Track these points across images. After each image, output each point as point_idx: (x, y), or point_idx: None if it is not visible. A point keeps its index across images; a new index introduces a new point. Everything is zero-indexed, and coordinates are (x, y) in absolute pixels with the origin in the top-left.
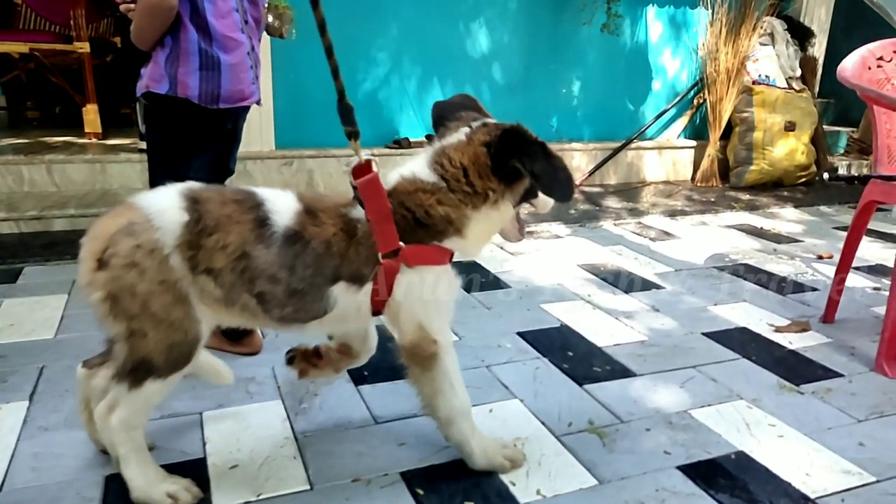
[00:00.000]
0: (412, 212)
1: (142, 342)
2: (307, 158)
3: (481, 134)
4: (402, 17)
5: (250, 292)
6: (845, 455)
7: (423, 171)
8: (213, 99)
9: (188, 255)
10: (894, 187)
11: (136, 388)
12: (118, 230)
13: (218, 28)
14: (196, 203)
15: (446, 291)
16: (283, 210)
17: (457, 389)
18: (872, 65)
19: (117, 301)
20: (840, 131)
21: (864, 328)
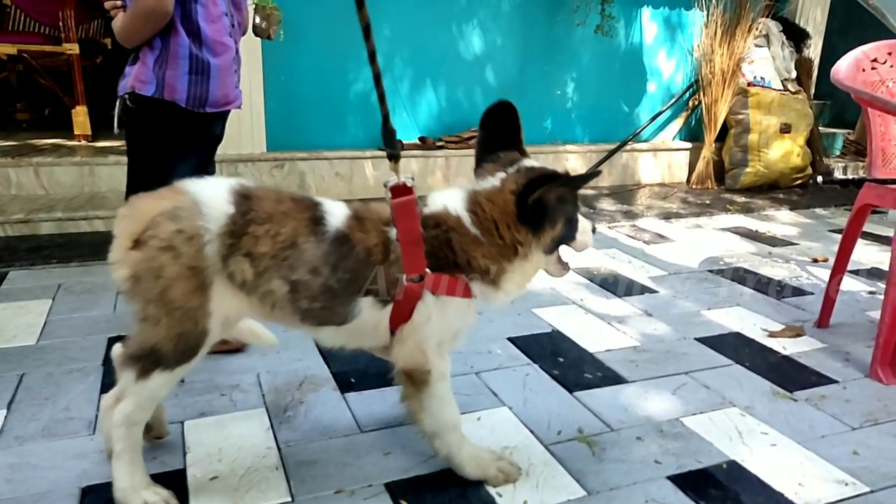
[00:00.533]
0: (452, 250)
1: (154, 329)
2: (299, 161)
3: (512, 182)
4: (395, 19)
5: (286, 278)
6: (839, 464)
7: (463, 213)
8: (201, 103)
9: (228, 242)
10: (889, 191)
11: (143, 378)
12: (161, 213)
13: (209, 32)
14: (246, 198)
15: (462, 322)
16: (337, 213)
17: (445, 408)
18: (867, 67)
19: (139, 282)
20: (836, 133)
21: (859, 333)
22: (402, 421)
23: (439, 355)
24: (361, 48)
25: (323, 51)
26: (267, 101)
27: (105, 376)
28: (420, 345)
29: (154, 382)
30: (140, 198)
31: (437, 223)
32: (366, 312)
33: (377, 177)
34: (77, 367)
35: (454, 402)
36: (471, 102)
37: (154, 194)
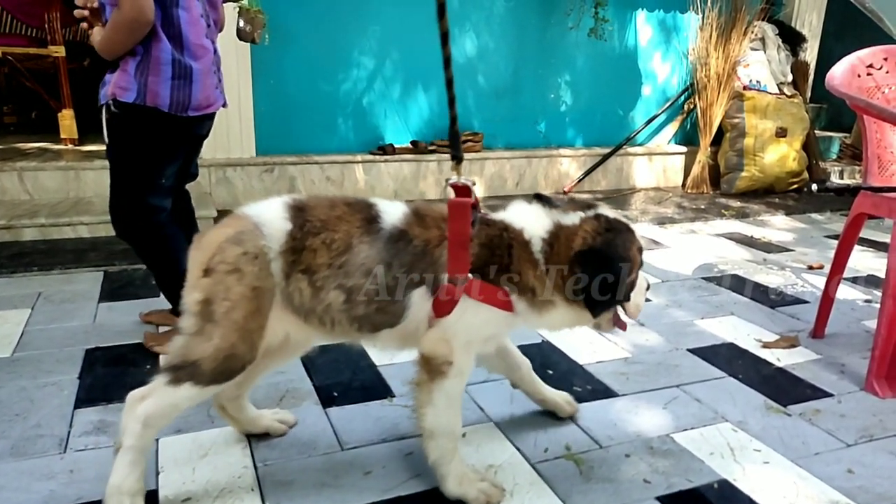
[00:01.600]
0: (507, 259)
1: (203, 344)
2: (289, 165)
3: (591, 227)
4: (386, 22)
5: (342, 287)
6: (833, 483)
7: (537, 240)
8: (184, 108)
9: (290, 259)
10: (885, 199)
11: (173, 385)
12: (226, 240)
13: (190, 36)
14: (301, 211)
15: (495, 330)
16: (393, 212)
17: (451, 410)
18: (862, 72)
19: (209, 305)
20: (832, 137)
21: (855, 344)
22: (384, 437)
23: (465, 353)
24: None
25: (312, 54)
26: (256, 104)
27: (80, 391)
28: (447, 336)
29: (182, 393)
30: (205, 231)
31: (504, 228)
32: (416, 307)
33: (368, 181)
34: (52, 380)
35: (460, 408)
36: (463, 106)
37: (219, 225)
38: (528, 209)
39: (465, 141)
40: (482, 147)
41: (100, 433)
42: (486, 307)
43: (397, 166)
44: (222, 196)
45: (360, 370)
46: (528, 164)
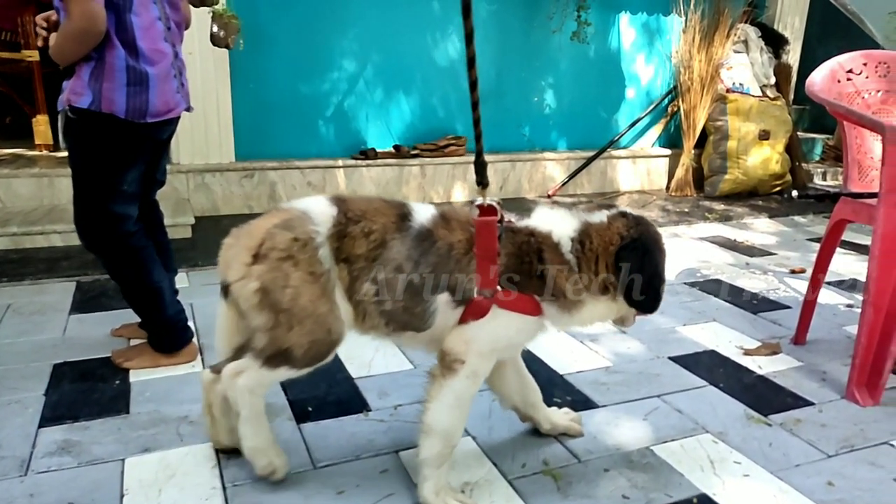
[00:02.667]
0: (537, 265)
1: (286, 335)
2: (269, 170)
3: (620, 224)
4: (367, 25)
5: (374, 280)
6: (813, 497)
7: (566, 241)
8: (141, 114)
9: (335, 246)
10: (864, 206)
11: (268, 369)
12: (274, 226)
13: (144, 41)
14: (342, 200)
15: (522, 337)
16: (423, 212)
17: (455, 410)
18: (842, 78)
19: (268, 293)
20: (815, 138)
21: (837, 350)
22: (358, 454)
23: (484, 357)
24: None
25: (292, 57)
26: (235, 109)
27: (45, 408)
28: (467, 338)
29: (277, 374)
30: (248, 223)
31: (529, 234)
32: (441, 314)
33: (350, 186)
34: (16, 398)
35: (466, 413)
36: (446, 110)
37: (262, 216)
38: (552, 212)
39: (448, 145)
40: (465, 151)
41: (64, 453)
42: (515, 315)
43: (379, 171)
44: (201, 202)
45: (337, 383)
46: (512, 168)
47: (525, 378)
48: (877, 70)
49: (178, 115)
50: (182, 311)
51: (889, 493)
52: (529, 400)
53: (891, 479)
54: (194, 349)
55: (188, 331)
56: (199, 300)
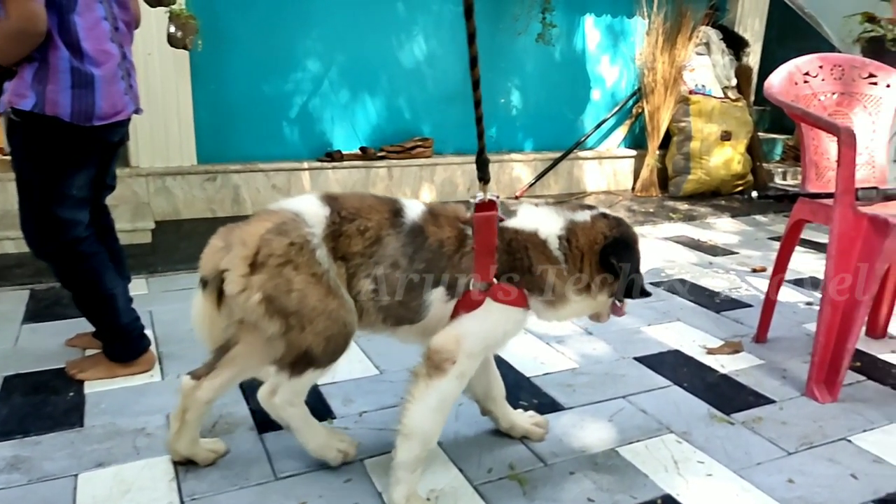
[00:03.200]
0: (528, 261)
1: (300, 336)
2: (232, 173)
3: (603, 224)
4: (332, 26)
5: (371, 276)
6: (774, 494)
7: (553, 238)
8: (87, 117)
9: (331, 245)
10: (821, 206)
11: (296, 377)
12: (267, 231)
13: (88, 42)
14: (334, 199)
15: (513, 329)
16: (414, 208)
17: (437, 414)
18: (799, 80)
19: (273, 301)
20: (776, 139)
21: (797, 348)
22: (321, 464)
23: (474, 356)
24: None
25: (255, 58)
26: (196, 110)
27: None
28: (459, 336)
29: (306, 378)
30: (236, 227)
31: (520, 231)
32: (435, 307)
33: (316, 189)
34: None
35: (447, 416)
36: (413, 111)
37: (251, 221)
38: (537, 211)
39: (415, 147)
40: (432, 153)
41: (13, 470)
42: (508, 308)
43: (346, 173)
44: (162, 206)
45: None
46: None
47: (492, 371)
48: (832, 73)
49: (126, 118)
50: (137, 318)
51: (847, 488)
52: (491, 394)
53: (848, 475)
54: (152, 358)
55: (145, 339)
56: (159, 307)
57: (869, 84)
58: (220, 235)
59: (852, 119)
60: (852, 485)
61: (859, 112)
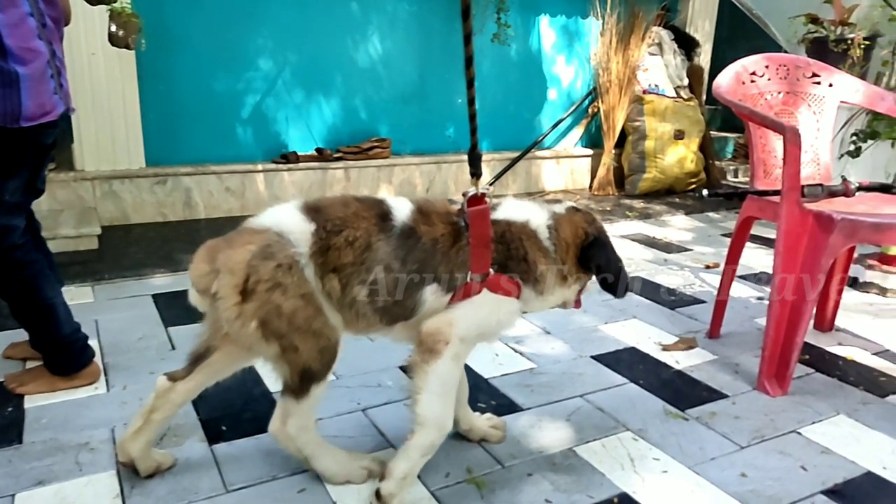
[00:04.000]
0: (523, 249)
1: (296, 356)
2: (183, 176)
3: (580, 218)
4: (284, 24)
5: (365, 282)
6: (727, 489)
7: (543, 229)
8: (14, 118)
9: (319, 261)
10: (769, 203)
11: (304, 397)
12: (253, 256)
13: (12, 39)
14: (317, 211)
15: (507, 319)
16: (401, 208)
17: (444, 397)
18: (746, 80)
19: (268, 324)
20: (727, 137)
21: (748, 342)
22: (274, 474)
23: (468, 341)
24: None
25: (205, 57)
26: (144, 112)
27: None
28: (451, 320)
29: (313, 396)
30: (220, 250)
31: (512, 223)
32: (429, 302)
33: (271, 191)
34: None
35: (453, 399)
36: (370, 111)
37: (234, 242)
38: (522, 203)
39: (372, 147)
40: (390, 153)
41: None
42: (503, 297)
43: (302, 175)
44: (109, 211)
45: (254, 399)
46: (438, 170)
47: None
48: (778, 72)
49: (56, 118)
50: (79, 328)
51: (797, 480)
52: (457, 395)
53: (798, 467)
54: (96, 370)
55: (88, 350)
56: (105, 316)
57: (813, 83)
58: (205, 257)
59: (797, 117)
60: (802, 476)
61: (804, 111)
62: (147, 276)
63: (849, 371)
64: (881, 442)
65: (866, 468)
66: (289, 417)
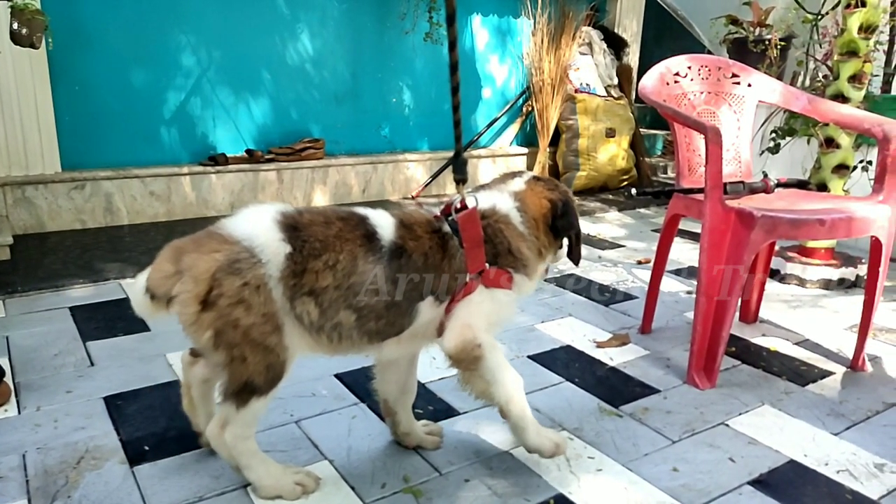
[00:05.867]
0: (506, 242)
1: (242, 367)
2: (103, 181)
3: (541, 188)
4: (208, 21)
5: (352, 307)
6: (659, 485)
7: (514, 213)
8: None
9: (291, 283)
10: (694, 201)
11: (242, 407)
12: (219, 268)
13: None
14: (296, 230)
15: (508, 311)
16: (385, 224)
17: (508, 373)
18: (670, 80)
19: (221, 334)
20: (657, 134)
21: (678, 337)
22: (201, 495)
23: (490, 331)
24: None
25: (124, 56)
26: (59, 114)
27: None
28: (465, 322)
29: (253, 408)
30: (186, 252)
31: (488, 216)
32: (424, 314)
33: (199, 195)
34: None
35: (513, 372)
36: (301, 111)
37: (202, 246)
38: (483, 195)
39: (306, 148)
40: (324, 154)
41: None
42: (499, 291)
43: (232, 178)
44: (23, 218)
45: (179, 416)
46: (374, 170)
47: (412, 377)
48: (700, 73)
49: None
50: None
51: (726, 472)
52: (404, 396)
53: (727, 459)
54: (6, 390)
55: None
56: (18, 331)
57: (733, 84)
58: (170, 257)
59: (719, 117)
60: (730, 468)
61: (725, 110)
62: (64, 288)
63: (772, 361)
64: (802, 430)
65: (789, 456)
66: (227, 425)
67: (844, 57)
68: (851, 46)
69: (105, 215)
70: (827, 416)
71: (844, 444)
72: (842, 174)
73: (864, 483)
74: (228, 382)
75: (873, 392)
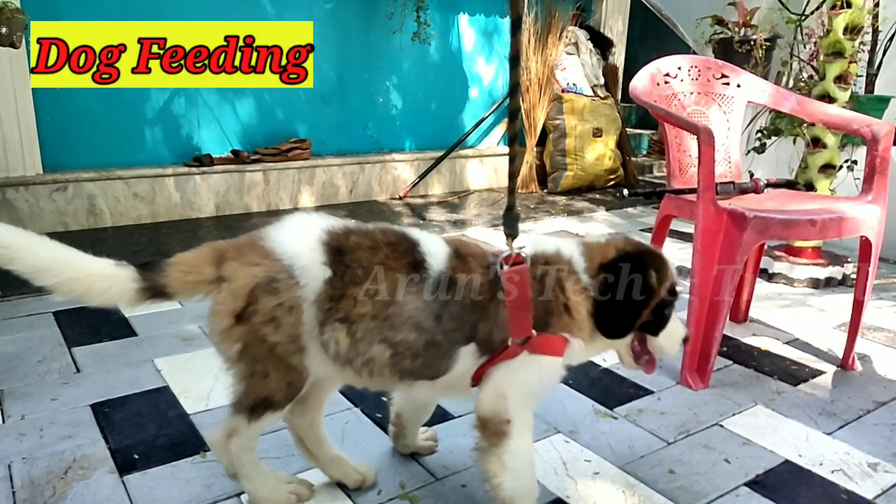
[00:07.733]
0: (566, 299)
1: (264, 382)
2: (86, 182)
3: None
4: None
5: (388, 341)
6: (656, 487)
7: (577, 259)
8: None
9: (326, 307)
10: (685, 202)
11: (255, 420)
12: (257, 286)
13: None
14: (340, 254)
15: (549, 380)
16: (437, 252)
17: (528, 469)
18: (661, 81)
19: (248, 349)
20: (642, 134)
21: None
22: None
23: (523, 406)
24: None
25: None
26: (39, 114)
27: None
28: (501, 392)
29: (265, 421)
30: (228, 258)
31: (547, 262)
32: (463, 362)
33: (184, 197)
34: None
35: (534, 468)
36: (287, 111)
37: (243, 255)
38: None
39: (292, 148)
40: (311, 154)
41: None
42: (546, 358)
43: (217, 179)
44: (3, 221)
45: (169, 422)
46: (361, 171)
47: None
48: (690, 73)
49: None
50: None
51: (721, 473)
52: (417, 418)
53: (722, 460)
54: None
55: None
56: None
57: (722, 84)
58: (212, 258)
59: (709, 117)
60: (726, 469)
61: (714, 110)
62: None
63: (763, 361)
64: (796, 430)
65: (784, 457)
66: (235, 436)
67: (830, 58)
68: (837, 47)
69: (88, 217)
70: (819, 415)
71: (837, 444)
72: (828, 174)
73: (859, 483)
74: (245, 395)
75: (864, 391)
